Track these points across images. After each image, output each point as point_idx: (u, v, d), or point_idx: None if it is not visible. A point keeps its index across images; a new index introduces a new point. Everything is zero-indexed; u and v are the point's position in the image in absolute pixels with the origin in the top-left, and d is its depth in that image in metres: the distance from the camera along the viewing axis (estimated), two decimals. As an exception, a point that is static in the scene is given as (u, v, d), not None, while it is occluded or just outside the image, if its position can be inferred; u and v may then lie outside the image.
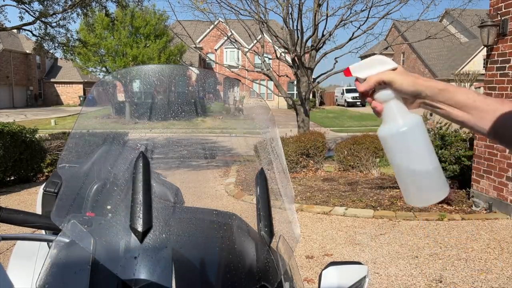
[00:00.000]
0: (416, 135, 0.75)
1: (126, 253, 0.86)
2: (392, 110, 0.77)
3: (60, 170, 1.12)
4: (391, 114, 0.77)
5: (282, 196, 1.13)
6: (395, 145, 0.76)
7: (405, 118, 0.76)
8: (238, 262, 0.94)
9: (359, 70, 0.79)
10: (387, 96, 0.77)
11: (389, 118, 0.77)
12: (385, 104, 0.77)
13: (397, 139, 0.76)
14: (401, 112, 0.77)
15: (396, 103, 0.77)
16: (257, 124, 1.26)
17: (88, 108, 1.24)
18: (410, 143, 0.75)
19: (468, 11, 12.07)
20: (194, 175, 1.20)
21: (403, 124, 0.75)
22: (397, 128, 0.75)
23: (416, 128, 0.75)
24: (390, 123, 0.77)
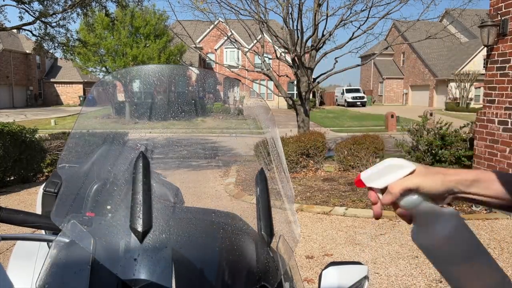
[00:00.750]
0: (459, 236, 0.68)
1: (126, 253, 0.86)
2: (425, 214, 0.69)
3: (60, 170, 1.12)
4: (425, 218, 0.69)
5: (282, 196, 1.13)
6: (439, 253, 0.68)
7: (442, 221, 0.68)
8: (238, 262, 0.94)
9: (374, 179, 0.72)
10: (415, 202, 0.70)
11: (423, 222, 0.69)
12: (414, 210, 0.70)
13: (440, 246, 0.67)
14: (435, 214, 0.69)
15: (426, 206, 0.70)
16: (257, 124, 1.26)
17: (88, 108, 1.24)
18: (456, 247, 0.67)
19: (468, 11, 12.07)
20: (194, 175, 1.20)
21: (443, 229, 0.67)
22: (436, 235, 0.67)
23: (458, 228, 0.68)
24: (426, 230, 0.68)
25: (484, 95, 5.60)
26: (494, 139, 5.29)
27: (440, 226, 0.67)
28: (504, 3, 5.11)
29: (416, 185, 0.69)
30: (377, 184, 0.72)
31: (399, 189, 0.69)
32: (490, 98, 5.44)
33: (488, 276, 0.70)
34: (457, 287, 0.72)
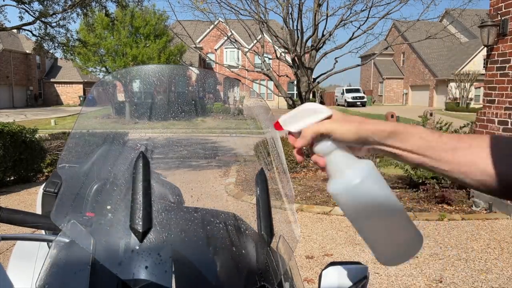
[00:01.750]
0: (372, 184, 0.66)
1: (126, 253, 0.86)
2: (338, 162, 0.67)
3: (60, 170, 1.12)
4: (337, 166, 0.67)
5: (282, 196, 1.13)
6: (351, 202, 0.67)
7: (355, 169, 0.66)
8: (238, 262, 0.94)
9: (290, 123, 0.70)
10: (328, 149, 0.67)
11: (335, 170, 0.67)
12: (327, 157, 0.68)
13: (351, 195, 0.66)
14: (348, 163, 0.67)
15: (340, 153, 0.67)
16: (257, 124, 1.26)
17: (88, 108, 1.24)
18: (368, 195, 0.66)
19: (468, 11, 12.07)
20: (194, 175, 1.20)
21: (354, 176, 0.65)
22: (348, 182, 0.66)
23: (370, 177, 0.66)
24: (339, 177, 0.67)
25: (484, 95, 5.60)
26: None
27: (352, 173, 0.66)
28: (504, 3, 5.11)
29: (328, 130, 0.67)
30: (292, 127, 0.70)
31: (310, 133, 0.68)
32: (490, 98, 5.44)
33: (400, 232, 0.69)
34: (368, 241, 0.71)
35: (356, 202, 0.67)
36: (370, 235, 0.70)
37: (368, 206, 0.67)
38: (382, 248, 0.71)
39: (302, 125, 0.69)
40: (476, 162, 0.62)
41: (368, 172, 0.66)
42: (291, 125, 0.70)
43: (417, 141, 0.65)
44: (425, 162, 0.66)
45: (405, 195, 6.12)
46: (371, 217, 0.68)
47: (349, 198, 0.67)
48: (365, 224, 0.69)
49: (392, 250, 0.70)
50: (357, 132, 0.66)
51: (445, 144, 0.65)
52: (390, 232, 0.69)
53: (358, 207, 0.67)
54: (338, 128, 0.66)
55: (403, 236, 0.69)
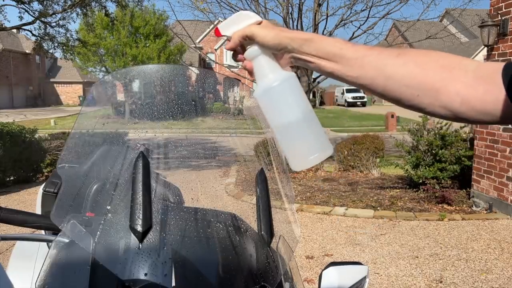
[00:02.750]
0: (288, 89, 0.71)
1: (126, 253, 0.86)
2: (262, 66, 0.72)
3: (59, 170, 1.12)
4: (261, 71, 0.72)
5: (282, 196, 1.13)
6: (268, 103, 0.72)
7: (276, 73, 0.72)
8: (238, 262, 0.94)
9: (226, 28, 0.75)
10: (254, 52, 0.72)
11: (260, 75, 0.73)
12: (254, 61, 0.73)
13: (269, 95, 0.71)
14: (271, 68, 0.72)
15: (265, 59, 0.72)
16: (257, 124, 1.26)
17: (87, 108, 1.24)
18: (283, 98, 0.71)
19: (468, 11, 12.08)
20: (194, 175, 1.20)
21: (274, 79, 0.71)
22: (268, 84, 0.71)
23: (288, 82, 0.71)
24: (262, 80, 0.72)
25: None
26: (494, 139, 5.29)
27: (272, 76, 0.71)
28: (504, 3, 5.11)
29: (251, 32, 0.71)
30: (227, 32, 0.74)
31: (238, 36, 0.72)
32: (490, 98, 5.43)
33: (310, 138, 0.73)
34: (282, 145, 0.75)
35: (273, 103, 0.71)
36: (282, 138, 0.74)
37: (283, 109, 0.71)
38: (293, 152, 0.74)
39: (234, 29, 0.73)
40: (381, 67, 0.65)
41: (287, 77, 0.71)
42: (226, 30, 0.75)
43: (330, 48, 0.68)
44: (337, 69, 0.68)
45: (405, 195, 6.12)
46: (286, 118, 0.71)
47: (267, 100, 0.72)
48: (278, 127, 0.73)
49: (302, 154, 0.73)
50: (277, 36, 0.70)
51: (357, 52, 0.67)
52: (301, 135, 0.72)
53: (275, 109, 0.71)
54: (260, 32, 0.70)
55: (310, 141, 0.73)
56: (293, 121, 0.71)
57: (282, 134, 0.73)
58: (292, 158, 0.74)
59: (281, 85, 0.71)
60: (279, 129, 0.73)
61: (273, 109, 0.72)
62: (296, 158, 0.74)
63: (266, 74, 0.72)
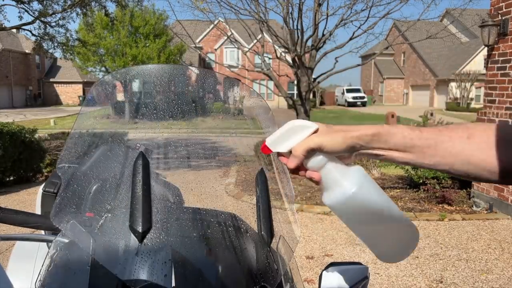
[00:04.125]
0: (367, 190, 0.69)
1: (125, 253, 0.86)
2: (332, 173, 0.69)
3: (59, 170, 1.12)
4: (332, 178, 0.69)
5: (282, 196, 1.13)
6: (350, 210, 0.69)
7: (349, 178, 0.68)
8: (238, 262, 0.94)
9: (278, 144, 0.70)
10: (321, 162, 0.68)
11: (331, 183, 0.69)
12: (321, 171, 0.69)
13: (349, 204, 0.68)
14: (341, 173, 0.69)
15: (333, 165, 0.69)
16: (257, 124, 1.26)
17: (87, 108, 1.23)
18: (365, 202, 0.68)
19: (468, 10, 12.08)
20: (194, 175, 1.20)
21: (351, 185, 0.67)
22: (345, 192, 0.67)
23: (365, 183, 0.68)
24: (335, 188, 0.68)
25: (485, 95, 5.60)
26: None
27: (347, 183, 0.68)
28: (505, 2, 5.10)
29: (318, 144, 0.68)
30: (282, 148, 0.70)
31: (301, 151, 0.68)
32: (490, 98, 5.43)
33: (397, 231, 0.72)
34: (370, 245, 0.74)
35: (355, 210, 0.69)
36: (369, 237, 0.73)
37: (366, 212, 0.69)
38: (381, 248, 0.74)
39: (291, 144, 0.69)
40: (458, 153, 0.66)
41: (362, 179, 0.68)
42: (279, 146, 0.70)
43: (399, 140, 0.68)
44: (411, 159, 0.69)
45: (406, 195, 6.12)
46: (369, 222, 0.70)
47: (347, 207, 0.68)
48: (364, 229, 0.71)
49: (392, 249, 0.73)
50: (344, 141, 0.68)
51: (427, 140, 0.67)
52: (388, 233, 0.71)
53: (357, 214, 0.69)
54: (327, 141, 0.68)
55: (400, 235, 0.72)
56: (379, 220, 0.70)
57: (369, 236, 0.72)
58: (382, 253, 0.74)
59: (359, 190, 0.68)
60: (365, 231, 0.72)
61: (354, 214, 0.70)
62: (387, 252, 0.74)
63: (338, 181, 0.68)
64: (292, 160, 0.70)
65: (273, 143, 0.71)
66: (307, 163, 0.69)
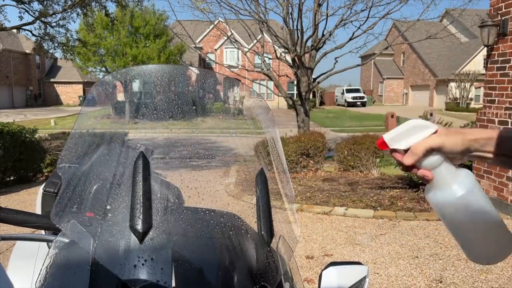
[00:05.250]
0: (474, 195, 0.71)
1: (126, 253, 0.86)
2: (443, 174, 0.72)
3: (59, 170, 1.12)
4: (443, 179, 0.72)
5: (282, 196, 1.13)
6: (453, 212, 0.72)
7: (459, 180, 0.71)
8: (238, 262, 0.94)
9: (397, 141, 0.73)
10: (437, 162, 0.72)
11: (442, 183, 0.72)
12: (435, 170, 0.72)
13: (457, 205, 0.71)
14: (452, 174, 0.72)
15: (446, 166, 0.72)
16: (257, 124, 1.26)
17: (87, 108, 1.24)
18: (472, 205, 0.71)
19: (468, 11, 12.07)
20: (194, 175, 1.20)
21: (459, 189, 0.70)
22: (454, 194, 0.70)
23: (472, 187, 0.71)
24: (444, 189, 0.71)
25: (484, 95, 5.60)
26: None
27: (457, 186, 0.70)
28: (504, 3, 5.11)
29: (439, 144, 0.71)
30: (400, 145, 0.72)
31: (422, 149, 0.71)
32: (490, 98, 5.43)
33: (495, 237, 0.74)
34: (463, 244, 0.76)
35: (458, 212, 0.71)
36: (466, 240, 0.75)
37: (468, 215, 0.71)
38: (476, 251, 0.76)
39: (410, 142, 0.72)
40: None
41: (471, 184, 0.71)
42: (398, 143, 0.73)
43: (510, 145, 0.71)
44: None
45: (405, 195, 6.12)
46: (470, 225, 0.72)
47: (452, 208, 0.71)
48: (462, 231, 0.74)
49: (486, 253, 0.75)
50: (463, 143, 0.72)
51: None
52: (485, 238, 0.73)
53: (459, 216, 0.72)
54: (447, 141, 0.71)
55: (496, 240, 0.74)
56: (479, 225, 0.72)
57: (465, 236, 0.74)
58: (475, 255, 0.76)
59: (467, 194, 0.70)
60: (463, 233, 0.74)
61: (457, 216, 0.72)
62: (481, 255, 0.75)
63: (449, 182, 0.71)
64: (411, 157, 0.72)
65: (392, 139, 0.73)
66: (423, 161, 0.72)
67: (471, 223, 0.72)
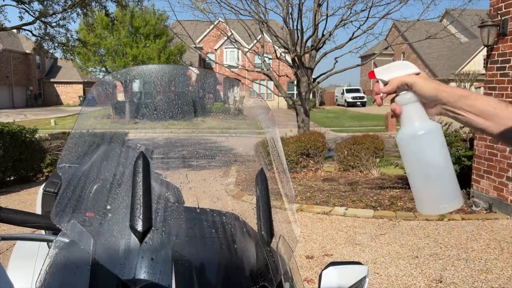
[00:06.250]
0: (432, 140, 0.76)
1: (126, 253, 0.86)
2: (411, 113, 0.77)
3: (60, 170, 1.12)
4: (410, 117, 0.77)
5: (282, 196, 1.13)
6: (410, 148, 0.77)
7: (423, 122, 0.76)
8: (238, 262, 0.94)
9: (383, 73, 0.81)
10: (408, 99, 0.77)
11: (407, 121, 0.78)
12: (404, 107, 0.78)
13: (413, 142, 0.76)
14: (420, 116, 0.77)
15: (416, 107, 0.77)
16: (257, 124, 1.26)
17: (88, 108, 1.24)
18: (426, 147, 0.75)
19: (468, 11, 12.08)
20: (194, 175, 1.20)
21: (420, 128, 0.76)
22: (414, 131, 0.76)
23: (434, 134, 0.76)
24: (408, 126, 0.77)
25: (484, 95, 5.60)
26: (494, 139, 5.29)
27: (419, 125, 0.76)
28: (504, 3, 5.11)
29: (412, 81, 0.77)
30: (384, 77, 0.80)
31: (397, 82, 0.78)
32: (490, 98, 5.43)
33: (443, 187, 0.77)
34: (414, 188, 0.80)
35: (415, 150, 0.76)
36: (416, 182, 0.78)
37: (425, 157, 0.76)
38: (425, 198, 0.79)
39: (392, 76, 0.79)
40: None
41: (434, 128, 0.76)
42: (383, 75, 0.81)
43: (484, 107, 0.75)
44: (489, 126, 0.75)
45: (405, 195, 6.12)
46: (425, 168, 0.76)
47: (410, 145, 0.77)
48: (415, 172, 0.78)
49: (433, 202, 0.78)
50: (435, 89, 0.76)
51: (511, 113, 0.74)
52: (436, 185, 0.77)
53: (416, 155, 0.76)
54: (420, 82, 0.77)
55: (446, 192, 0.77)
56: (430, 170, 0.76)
57: (417, 179, 0.78)
58: (421, 202, 0.79)
59: (426, 135, 0.75)
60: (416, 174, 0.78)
61: (414, 155, 0.77)
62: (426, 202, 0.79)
63: (413, 121, 0.77)
64: (386, 87, 0.79)
65: (379, 72, 0.82)
66: (397, 97, 0.79)
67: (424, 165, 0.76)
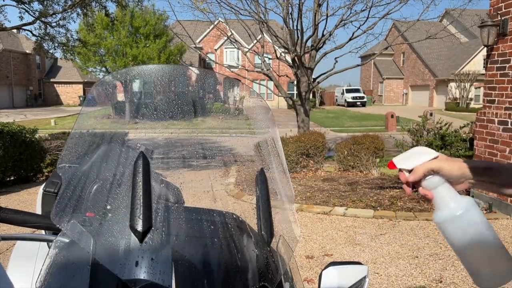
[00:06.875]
0: (472, 217, 0.77)
1: (126, 253, 0.86)
2: (443, 195, 0.80)
3: (60, 170, 1.12)
4: (443, 199, 0.80)
5: (282, 196, 1.13)
6: (454, 230, 0.78)
7: (458, 201, 0.78)
8: (238, 262, 0.94)
9: (404, 163, 0.83)
10: (437, 183, 0.80)
11: (442, 203, 0.80)
12: (435, 190, 0.80)
13: (454, 224, 0.77)
14: (452, 196, 0.79)
15: (445, 188, 0.80)
16: (257, 124, 1.26)
17: (88, 108, 1.24)
18: (468, 226, 0.76)
19: (468, 11, 12.08)
20: (194, 175, 1.20)
21: (457, 208, 0.77)
22: (452, 213, 0.77)
23: (471, 210, 0.77)
24: (444, 208, 0.79)
25: (484, 95, 5.60)
26: (494, 139, 5.29)
27: (455, 205, 0.78)
28: (504, 3, 5.11)
29: (438, 167, 0.80)
30: (406, 166, 0.83)
31: (423, 170, 0.81)
32: (490, 98, 5.43)
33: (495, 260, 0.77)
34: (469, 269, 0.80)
35: (458, 232, 0.78)
36: (468, 260, 0.80)
37: (468, 234, 0.77)
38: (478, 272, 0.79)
39: (414, 164, 0.82)
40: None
41: (469, 205, 0.78)
42: (404, 164, 0.84)
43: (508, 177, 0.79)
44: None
45: (405, 195, 6.12)
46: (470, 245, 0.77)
47: (452, 227, 0.78)
48: (465, 251, 0.79)
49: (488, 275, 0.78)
50: (460, 169, 0.81)
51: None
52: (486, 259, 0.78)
53: (459, 234, 0.78)
54: (445, 165, 0.81)
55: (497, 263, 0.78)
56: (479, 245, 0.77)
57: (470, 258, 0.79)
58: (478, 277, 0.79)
59: (465, 213, 0.77)
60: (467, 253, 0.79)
61: (457, 235, 0.78)
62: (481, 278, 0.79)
63: (448, 202, 0.79)
64: (412, 176, 0.82)
65: (398, 161, 0.85)
66: (424, 182, 0.81)
67: (471, 244, 0.77)
